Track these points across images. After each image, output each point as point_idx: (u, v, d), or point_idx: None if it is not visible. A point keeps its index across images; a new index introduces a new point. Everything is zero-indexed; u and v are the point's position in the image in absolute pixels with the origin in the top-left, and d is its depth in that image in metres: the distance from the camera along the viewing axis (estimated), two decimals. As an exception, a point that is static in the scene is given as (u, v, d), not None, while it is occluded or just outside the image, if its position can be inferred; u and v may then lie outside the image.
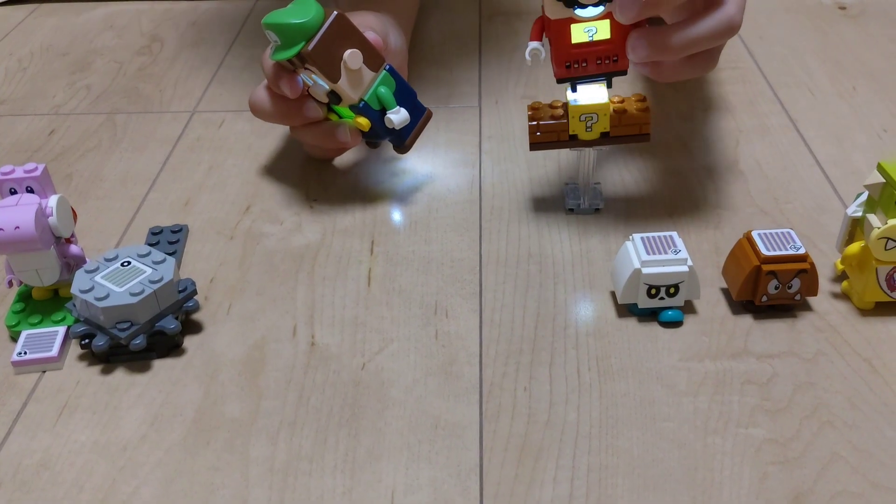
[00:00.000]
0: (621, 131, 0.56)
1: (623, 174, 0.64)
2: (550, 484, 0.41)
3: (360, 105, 0.57)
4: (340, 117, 0.61)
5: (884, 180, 0.47)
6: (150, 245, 0.58)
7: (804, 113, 0.71)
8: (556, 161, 0.65)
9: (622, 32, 0.51)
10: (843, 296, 0.52)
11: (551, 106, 0.57)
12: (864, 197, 0.50)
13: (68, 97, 0.78)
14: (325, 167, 0.66)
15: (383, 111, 0.58)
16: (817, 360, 0.48)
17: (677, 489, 0.41)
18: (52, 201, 0.50)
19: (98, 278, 0.49)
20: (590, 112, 0.55)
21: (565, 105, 0.56)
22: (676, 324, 0.50)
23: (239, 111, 0.74)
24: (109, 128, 0.73)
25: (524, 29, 0.86)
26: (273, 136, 0.70)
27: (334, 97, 0.57)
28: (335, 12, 0.55)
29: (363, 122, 0.58)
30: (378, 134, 0.60)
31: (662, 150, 0.66)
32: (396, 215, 0.61)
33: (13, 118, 0.75)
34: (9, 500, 0.42)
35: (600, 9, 0.50)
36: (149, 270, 0.49)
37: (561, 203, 0.61)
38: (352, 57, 0.55)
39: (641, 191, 0.62)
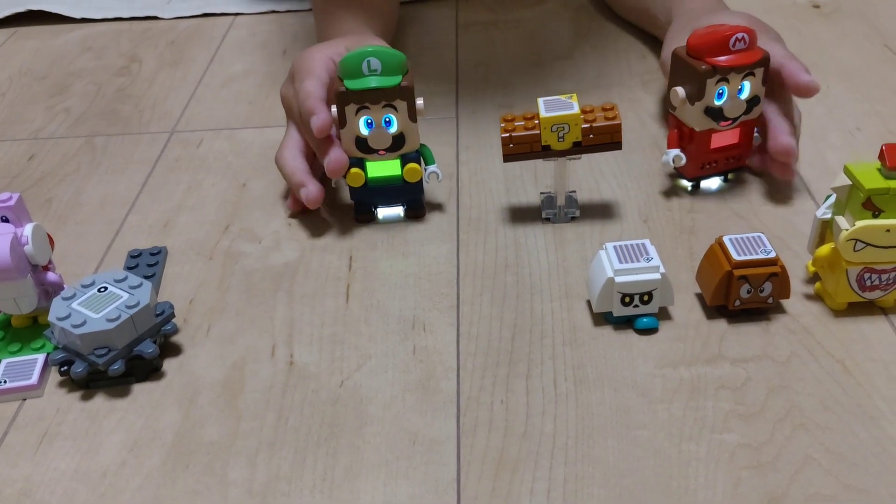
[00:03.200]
0: (593, 140, 0.56)
1: (599, 181, 0.64)
2: (528, 496, 0.42)
3: (413, 154, 0.59)
4: (365, 176, 0.59)
5: (850, 182, 0.48)
6: (130, 268, 0.58)
7: (778, 113, 0.71)
8: (532, 171, 0.66)
9: (746, 136, 0.61)
10: (817, 297, 0.52)
11: (524, 117, 0.57)
12: (832, 199, 0.51)
13: (47, 121, 0.78)
14: (303, 184, 0.66)
15: None
16: (790, 363, 0.48)
17: (652, 497, 0.41)
18: (28, 230, 0.50)
19: (75, 305, 0.49)
20: (561, 122, 0.56)
21: (537, 116, 0.56)
22: (651, 330, 0.51)
23: (217, 130, 0.75)
24: (88, 151, 0.73)
25: (500, 38, 0.87)
26: (251, 154, 0.71)
27: (398, 142, 0.57)
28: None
29: (416, 168, 0.59)
30: (399, 195, 0.61)
31: (638, 156, 0.67)
32: (374, 230, 0.61)
33: (-7, 144, 0.75)
34: (-10, 530, 0.42)
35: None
36: (125, 295, 0.49)
37: (538, 213, 0.61)
38: (421, 105, 0.57)
39: (617, 197, 0.62)
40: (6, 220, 0.51)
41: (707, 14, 0.66)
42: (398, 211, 0.62)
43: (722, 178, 0.63)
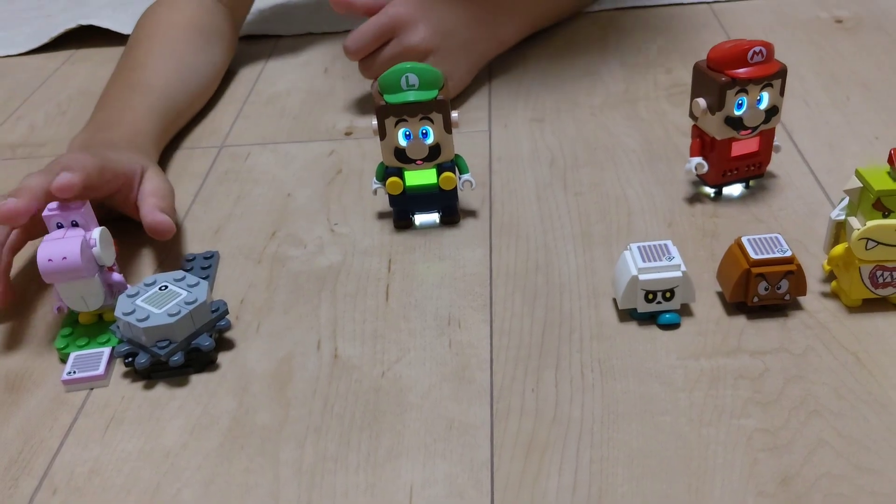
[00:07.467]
0: None
1: (625, 188, 0.67)
2: (556, 475, 0.45)
3: (449, 164, 0.63)
4: (404, 185, 0.63)
5: (861, 185, 0.51)
6: (185, 271, 0.62)
7: (799, 122, 0.74)
8: (562, 179, 0.69)
9: (766, 144, 0.64)
10: (833, 295, 0.55)
11: None
12: (845, 202, 0.53)
13: (105, 137, 0.83)
14: (344, 193, 0.70)
15: None
16: (807, 355, 0.51)
17: (673, 476, 0.44)
18: (96, 233, 0.55)
19: (139, 302, 0.53)
20: None
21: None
22: (674, 326, 0.54)
23: (263, 144, 0.79)
24: (144, 164, 0.78)
25: (532, 54, 0.90)
26: (295, 166, 0.75)
27: (434, 152, 0.62)
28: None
29: (451, 176, 0.63)
30: (435, 202, 0.65)
31: (663, 165, 0.70)
32: (411, 235, 0.65)
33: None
34: (64, 502, 0.46)
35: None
36: (184, 293, 0.54)
37: (567, 218, 0.64)
38: (456, 117, 0.61)
39: (643, 203, 0.66)
40: (76, 225, 0.55)
41: None
42: (434, 217, 0.66)
43: (744, 184, 0.65)
